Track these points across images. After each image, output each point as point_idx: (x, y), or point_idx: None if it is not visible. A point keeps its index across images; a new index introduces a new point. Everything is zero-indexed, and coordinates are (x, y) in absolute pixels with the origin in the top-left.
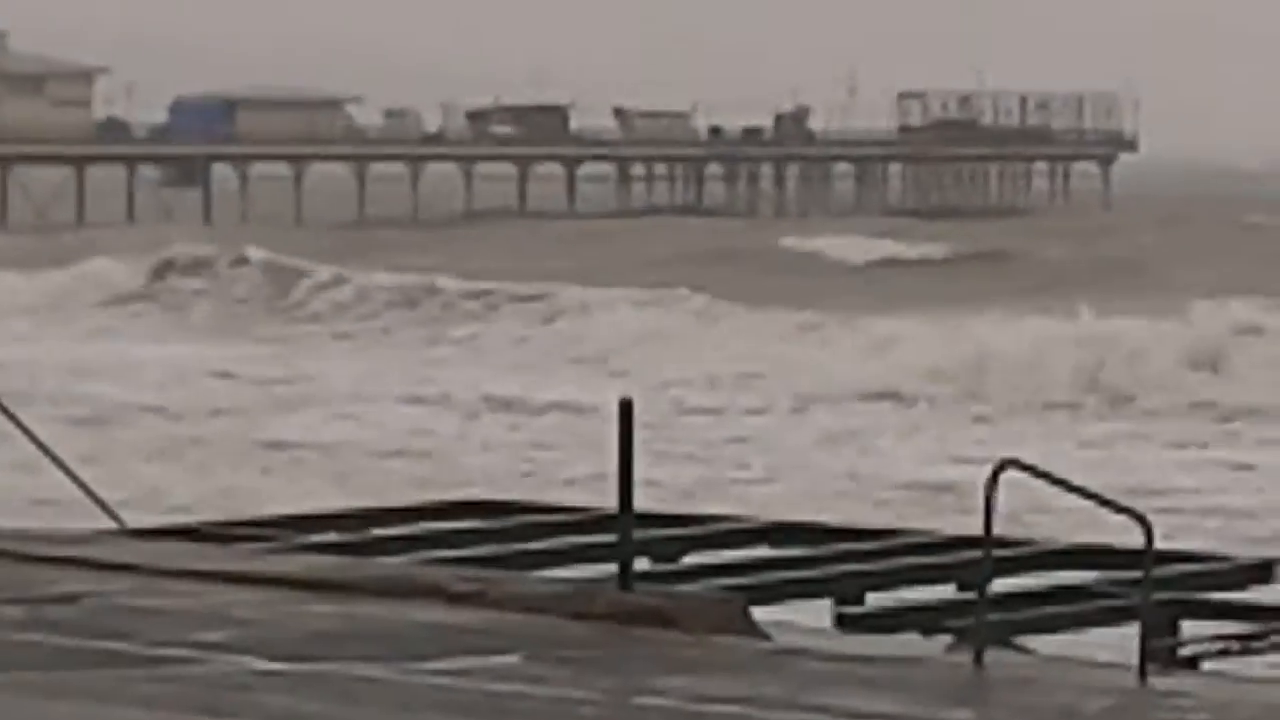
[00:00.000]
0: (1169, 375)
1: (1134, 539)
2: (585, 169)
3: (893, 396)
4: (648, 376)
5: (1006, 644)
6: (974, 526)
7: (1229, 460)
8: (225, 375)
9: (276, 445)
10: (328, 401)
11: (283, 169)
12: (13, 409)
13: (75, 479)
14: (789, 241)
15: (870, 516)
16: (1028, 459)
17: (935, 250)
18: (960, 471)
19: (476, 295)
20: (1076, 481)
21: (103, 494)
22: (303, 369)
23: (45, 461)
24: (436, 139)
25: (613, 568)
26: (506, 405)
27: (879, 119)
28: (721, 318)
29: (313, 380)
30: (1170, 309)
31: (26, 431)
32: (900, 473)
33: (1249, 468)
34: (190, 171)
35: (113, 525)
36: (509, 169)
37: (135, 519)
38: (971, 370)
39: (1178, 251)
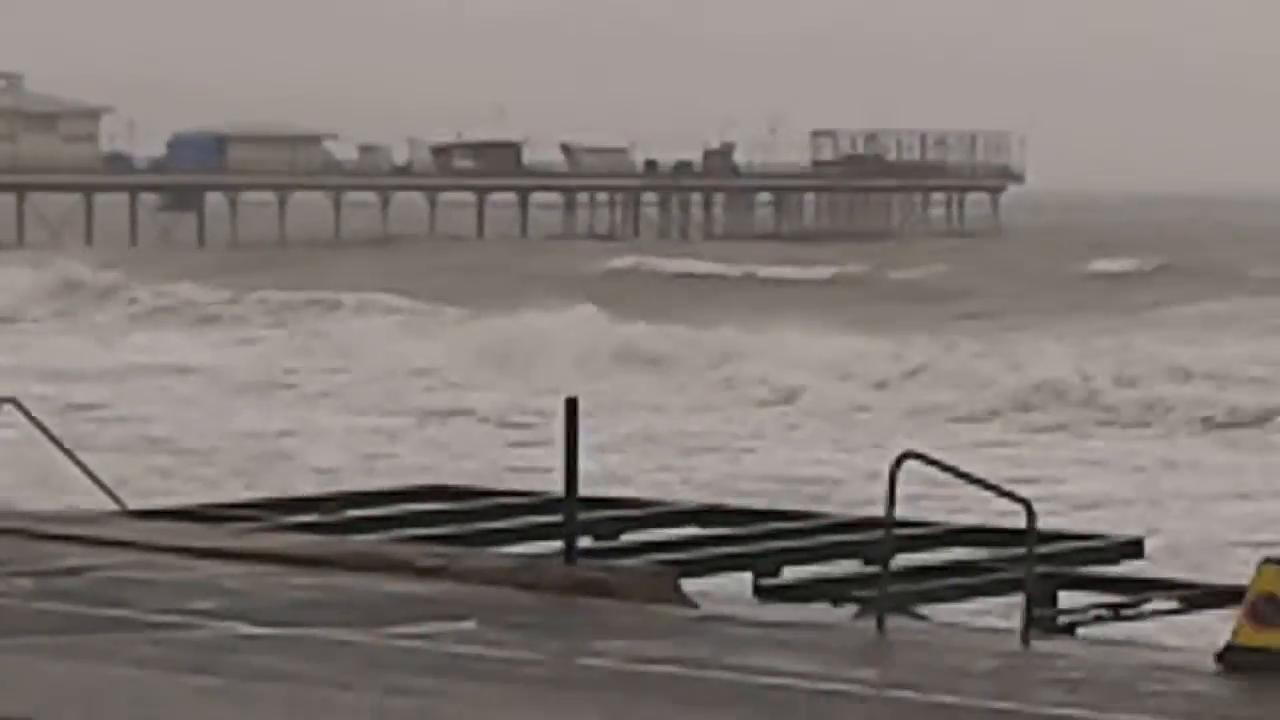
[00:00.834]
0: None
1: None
2: (536, 197)
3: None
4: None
5: (906, 612)
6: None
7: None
8: None
9: None
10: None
11: (269, 197)
12: None
13: (81, 466)
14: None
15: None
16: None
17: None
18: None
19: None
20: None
21: None
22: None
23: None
24: (405, 171)
25: (559, 545)
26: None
27: (796, 154)
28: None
29: None
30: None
31: (37, 423)
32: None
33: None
34: (186, 199)
35: (114, 506)
36: (469, 197)
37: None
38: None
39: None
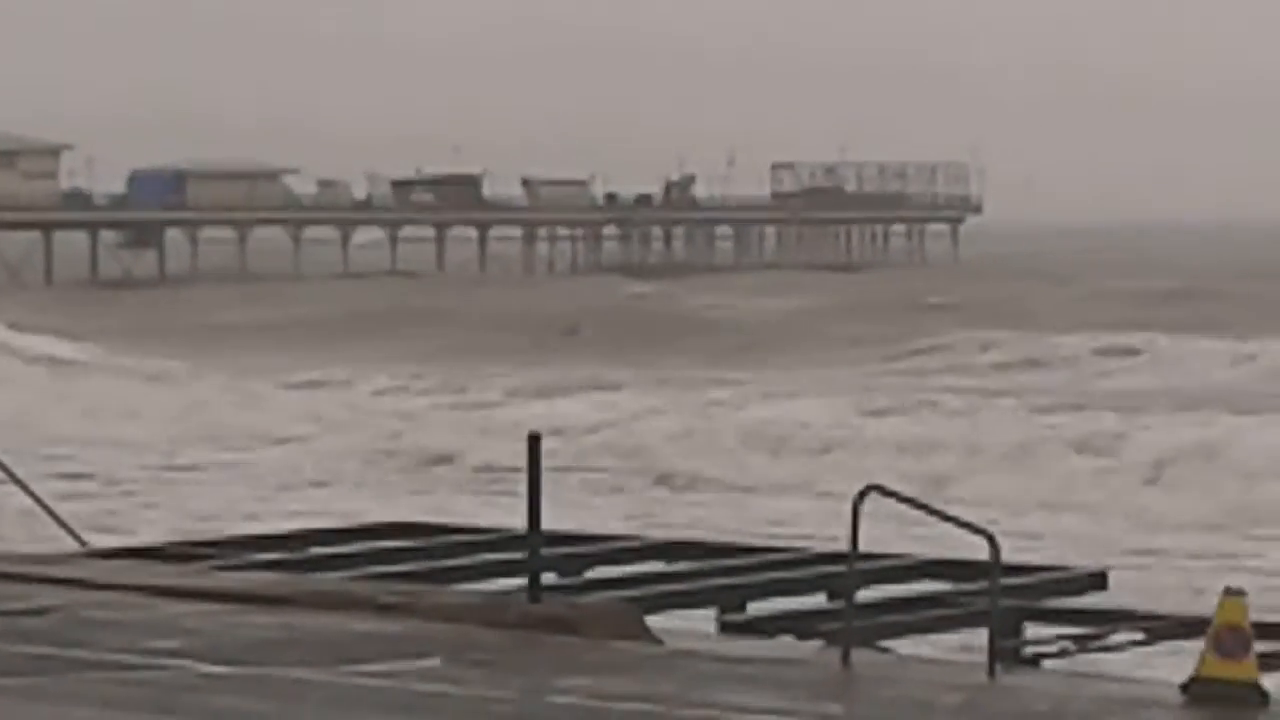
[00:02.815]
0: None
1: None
2: (495, 231)
3: None
4: None
5: (872, 646)
6: None
7: None
8: None
9: None
10: None
11: (228, 233)
12: None
13: (44, 506)
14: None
15: None
16: None
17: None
18: None
19: None
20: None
21: None
22: None
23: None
24: (364, 205)
25: (523, 581)
26: None
27: (755, 187)
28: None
29: None
30: None
31: (3, 467)
32: None
33: None
34: (146, 235)
35: (76, 546)
36: (429, 231)
37: None
38: None
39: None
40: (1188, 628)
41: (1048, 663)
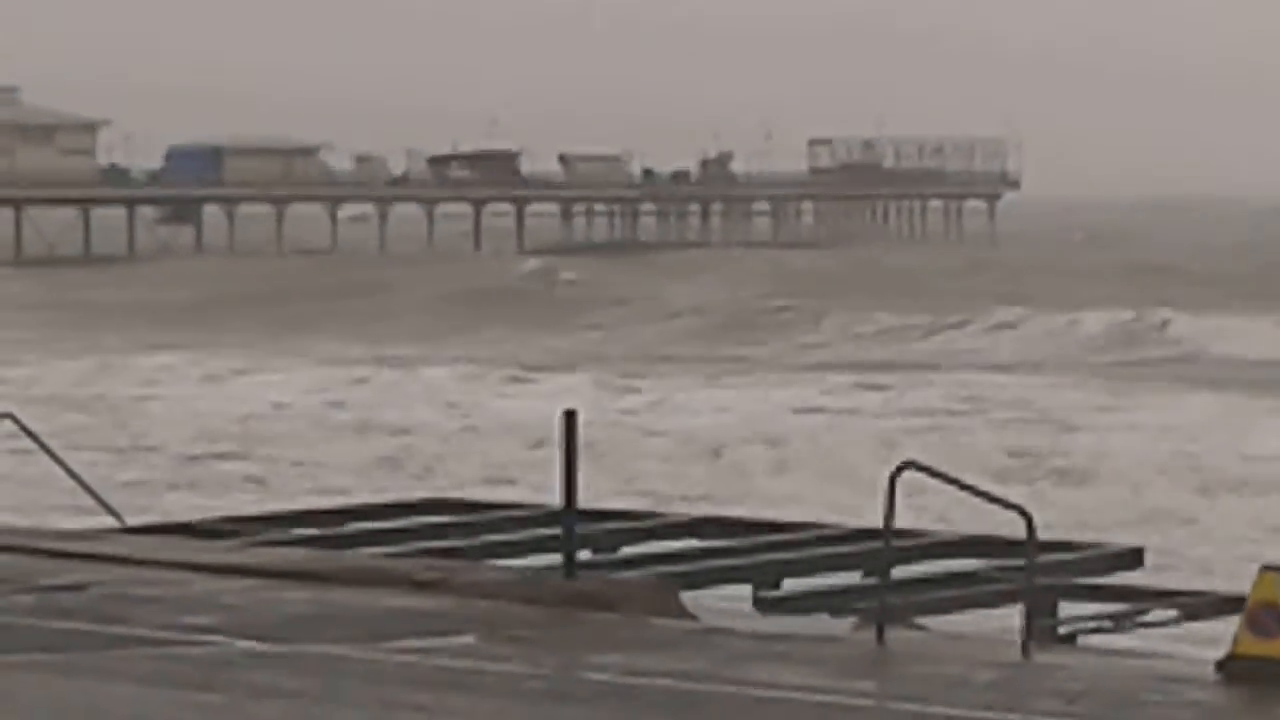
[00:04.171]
0: None
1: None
2: (533, 207)
3: None
4: None
5: (906, 623)
6: None
7: None
8: None
9: None
10: None
11: (266, 209)
12: None
13: (80, 481)
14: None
15: None
16: None
17: None
18: None
19: None
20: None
21: None
22: None
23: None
24: (401, 182)
25: (558, 558)
26: None
27: (792, 162)
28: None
29: None
30: None
31: (38, 441)
32: None
33: None
34: (184, 212)
35: (114, 523)
36: (466, 208)
37: None
38: None
39: None
40: (1224, 605)
41: (1083, 640)
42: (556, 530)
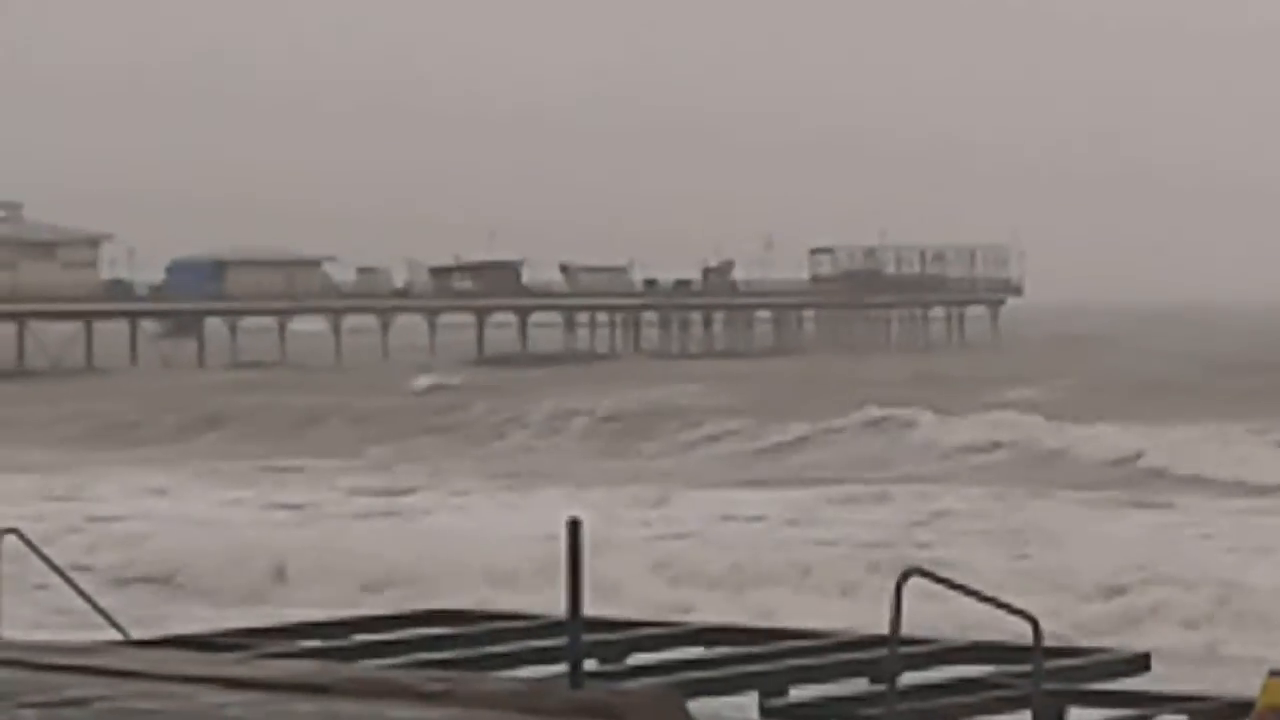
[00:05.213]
0: None
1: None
2: (535, 317)
3: None
4: None
5: None
6: None
7: None
8: None
9: None
10: None
11: (268, 322)
12: None
13: (84, 596)
14: None
15: None
16: None
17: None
18: None
19: None
20: None
21: None
22: None
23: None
24: (404, 293)
25: (564, 668)
26: None
27: (794, 271)
28: None
29: None
30: None
31: (41, 554)
32: None
33: None
34: (186, 324)
35: (118, 636)
36: (469, 318)
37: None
38: None
39: None
40: (1231, 710)
41: None
42: (561, 640)
